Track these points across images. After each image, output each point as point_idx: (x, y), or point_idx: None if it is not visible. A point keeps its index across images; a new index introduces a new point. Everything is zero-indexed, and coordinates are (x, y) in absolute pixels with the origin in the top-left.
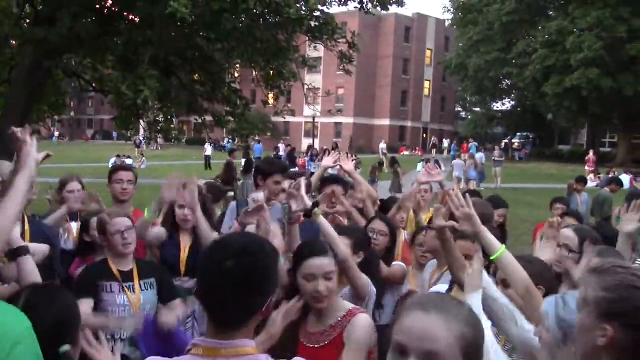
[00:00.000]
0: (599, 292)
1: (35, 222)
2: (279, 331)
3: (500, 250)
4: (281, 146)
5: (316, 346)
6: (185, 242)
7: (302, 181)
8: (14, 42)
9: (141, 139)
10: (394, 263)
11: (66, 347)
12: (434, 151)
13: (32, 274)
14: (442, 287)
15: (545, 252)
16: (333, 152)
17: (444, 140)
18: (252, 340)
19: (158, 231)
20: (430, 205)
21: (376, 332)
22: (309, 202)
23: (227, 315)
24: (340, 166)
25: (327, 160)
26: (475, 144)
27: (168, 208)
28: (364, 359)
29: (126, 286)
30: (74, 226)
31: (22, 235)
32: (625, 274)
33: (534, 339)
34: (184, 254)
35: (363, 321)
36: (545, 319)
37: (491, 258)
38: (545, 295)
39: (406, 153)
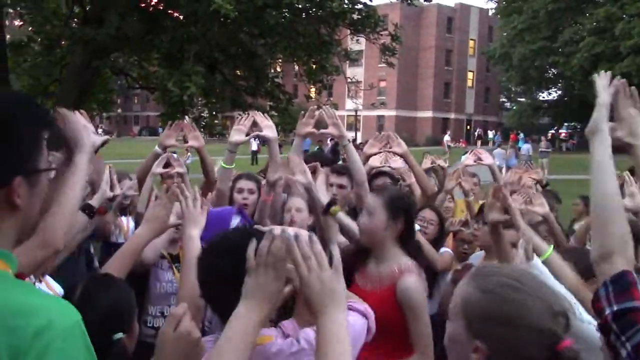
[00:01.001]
0: None
1: None
2: None
3: (548, 252)
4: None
5: (366, 289)
6: None
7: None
8: (63, 42)
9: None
10: (442, 250)
11: (119, 335)
12: (479, 143)
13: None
14: None
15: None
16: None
17: (489, 131)
18: (267, 327)
19: None
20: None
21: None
22: (322, 200)
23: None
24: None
25: (375, 160)
26: (522, 134)
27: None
28: (427, 312)
29: (175, 266)
30: (124, 220)
31: None
32: None
33: (593, 330)
34: None
35: (414, 284)
36: None
37: (541, 259)
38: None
39: (450, 145)
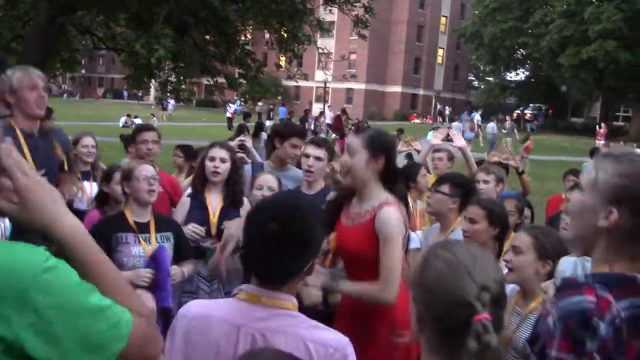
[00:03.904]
0: (613, 177)
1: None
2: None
3: None
4: (328, 112)
5: (349, 225)
6: (215, 202)
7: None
8: None
9: (170, 102)
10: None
11: None
12: (439, 118)
13: None
14: None
15: None
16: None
17: (446, 108)
18: (294, 297)
19: None
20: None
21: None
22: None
23: (269, 275)
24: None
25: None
26: (479, 113)
27: (199, 162)
28: (400, 246)
29: (142, 237)
30: (87, 185)
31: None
32: None
33: None
34: (214, 217)
35: (392, 214)
36: (560, 278)
37: None
38: (549, 273)
39: (417, 121)
